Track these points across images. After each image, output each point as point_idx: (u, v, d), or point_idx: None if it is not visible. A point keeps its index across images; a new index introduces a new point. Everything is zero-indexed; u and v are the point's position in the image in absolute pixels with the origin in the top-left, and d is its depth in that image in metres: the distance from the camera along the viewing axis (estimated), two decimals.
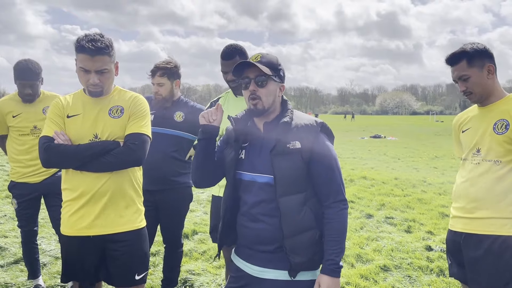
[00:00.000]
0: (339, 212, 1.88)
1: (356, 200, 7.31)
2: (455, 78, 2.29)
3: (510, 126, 2.16)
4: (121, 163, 2.26)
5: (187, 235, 5.16)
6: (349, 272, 4.10)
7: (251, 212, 1.94)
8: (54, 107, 2.35)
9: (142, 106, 2.39)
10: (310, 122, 1.93)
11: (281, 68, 1.96)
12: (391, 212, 6.47)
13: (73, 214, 2.30)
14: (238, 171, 1.98)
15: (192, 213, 6.27)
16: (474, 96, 2.27)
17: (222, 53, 2.90)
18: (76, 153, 2.22)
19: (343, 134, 26.47)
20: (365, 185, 8.79)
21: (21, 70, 3.29)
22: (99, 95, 2.32)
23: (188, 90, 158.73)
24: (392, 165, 12.12)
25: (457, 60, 2.26)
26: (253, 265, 1.96)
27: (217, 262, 4.27)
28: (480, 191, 2.21)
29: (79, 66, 2.23)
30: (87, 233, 2.30)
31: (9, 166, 10.35)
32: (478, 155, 2.26)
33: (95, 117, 2.31)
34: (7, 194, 7.15)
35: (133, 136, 2.28)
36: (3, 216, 5.82)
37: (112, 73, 2.31)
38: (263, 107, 1.91)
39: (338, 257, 1.85)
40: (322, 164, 1.88)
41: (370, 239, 5.16)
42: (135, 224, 2.38)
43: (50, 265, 4.14)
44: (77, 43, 2.20)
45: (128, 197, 2.35)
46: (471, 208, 2.25)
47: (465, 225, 2.27)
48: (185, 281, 3.87)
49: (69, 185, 2.32)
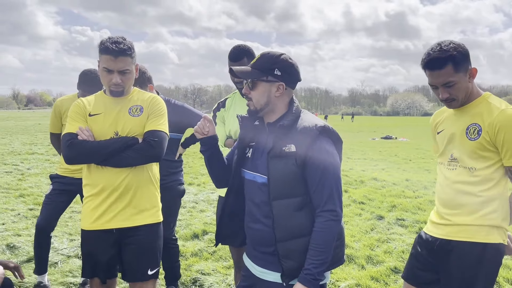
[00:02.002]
0: (325, 222, 1.79)
1: (367, 202, 7.27)
2: (437, 84, 2.05)
3: (482, 132, 2.02)
4: (141, 158, 2.34)
5: (197, 235, 5.19)
6: (360, 274, 4.08)
7: (253, 213, 1.95)
8: (74, 107, 2.43)
9: (160, 105, 2.48)
10: (310, 125, 1.85)
11: (279, 67, 1.87)
12: (402, 214, 6.41)
13: (94, 209, 2.38)
14: (243, 169, 2.00)
15: (203, 213, 6.29)
16: (457, 102, 2.09)
17: (229, 54, 2.91)
18: (98, 148, 2.30)
19: (354, 135, 26.32)
20: (375, 187, 8.74)
21: (87, 82, 3.51)
22: (120, 95, 2.42)
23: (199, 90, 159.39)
24: (403, 167, 12.02)
25: (442, 64, 2.00)
26: (257, 265, 1.97)
27: (227, 262, 4.28)
28: (457, 199, 2.12)
29: (102, 67, 2.33)
30: (107, 227, 2.37)
31: (23, 165, 10.52)
32: (454, 161, 2.14)
33: (116, 115, 2.40)
34: (21, 193, 7.26)
35: (152, 133, 2.36)
36: (17, 215, 5.90)
37: (133, 74, 2.40)
38: (254, 108, 1.91)
39: (317, 269, 1.76)
40: (315, 170, 1.80)
41: (381, 241, 5.13)
42: (152, 218, 2.45)
43: (62, 263, 4.19)
44: (101, 44, 2.31)
45: (147, 192, 2.43)
46: (447, 214, 2.16)
47: (440, 230, 2.18)
48: (194, 281, 3.88)
49: (90, 181, 2.40)
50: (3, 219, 5.68)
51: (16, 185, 8.00)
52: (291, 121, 1.87)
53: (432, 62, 2.03)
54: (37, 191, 7.51)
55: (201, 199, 7.24)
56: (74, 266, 4.11)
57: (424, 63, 2.07)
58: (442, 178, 2.22)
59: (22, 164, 10.67)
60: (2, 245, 4.62)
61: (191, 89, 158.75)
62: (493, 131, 1.99)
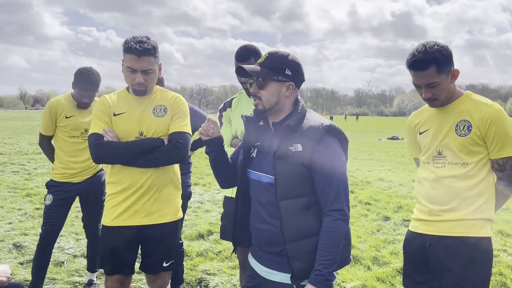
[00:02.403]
0: (333, 221, 1.78)
1: (373, 202, 7.24)
2: (421, 84, 2.12)
3: (473, 128, 2.08)
4: (167, 159, 2.41)
5: (202, 235, 5.19)
6: (366, 275, 4.06)
7: (259, 213, 1.95)
8: (99, 105, 2.46)
9: (184, 106, 2.53)
10: (316, 125, 1.84)
11: (289, 66, 1.88)
12: (409, 215, 6.37)
13: (117, 205, 2.43)
14: (248, 170, 2.00)
15: (208, 213, 6.30)
16: (439, 102, 2.14)
17: (236, 54, 2.90)
18: (125, 149, 2.35)
19: (360, 136, 26.25)
20: (382, 187, 8.70)
21: (83, 80, 3.34)
22: (143, 94, 2.45)
23: (204, 91, 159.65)
24: (410, 167, 11.95)
25: (425, 66, 2.06)
26: (262, 265, 1.96)
27: (232, 262, 4.28)
28: (448, 195, 2.14)
29: (126, 66, 2.36)
30: (128, 223, 2.43)
31: (30, 165, 10.59)
32: (442, 158, 2.17)
33: (140, 115, 2.44)
34: (27, 192, 7.31)
35: (177, 134, 2.42)
36: (23, 214, 5.94)
37: (156, 73, 2.43)
38: (263, 108, 1.90)
39: (327, 269, 1.76)
40: (321, 169, 1.79)
41: (387, 242, 5.10)
42: (172, 216, 2.53)
43: (68, 263, 4.21)
44: (126, 44, 2.34)
45: (169, 191, 2.50)
46: (438, 211, 2.16)
47: (432, 227, 2.18)
48: (200, 281, 3.88)
49: (114, 179, 2.45)
50: (10, 218, 5.72)
51: (23, 184, 8.06)
52: (297, 120, 1.87)
53: (416, 63, 2.09)
54: (44, 190, 7.54)
55: (206, 199, 7.25)
56: (80, 265, 4.12)
57: (408, 64, 2.13)
58: (428, 175, 2.24)
59: (29, 164, 10.75)
60: (9, 244, 4.65)
61: (197, 90, 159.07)
62: (484, 125, 2.06)
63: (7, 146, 14.99)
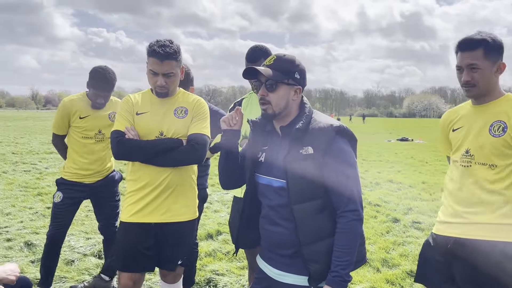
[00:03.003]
0: (348, 222, 1.78)
1: (382, 204, 7.19)
2: (464, 65, 2.06)
3: (508, 129, 2.00)
4: (184, 160, 2.47)
5: (211, 235, 5.20)
6: (375, 277, 4.03)
7: (270, 215, 1.93)
8: (124, 104, 2.55)
9: (204, 109, 2.60)
10: (326, 126, 1.83)
11: (298, 70, 1.88)
12: (419, 217, 6.32)
13: (135, 202, 2.50)
14: (256, 174, 1.98)
15: (217, 214, 6.31)
16: (476, 89, 2.07)
17: (247, 54, 2.91)
18: (145, 148, 2.43)
19: (370, 137, 26.11)
20: (391, 189, 8.64)
21: (98, 80, 3.25)
22: (165, 96, 2.53)
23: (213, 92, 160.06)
24: (420, 169, 11.86)
25: (473, 46, 2.03)
26: (273, 267, 1.96)
27: (241, 262, 4.28)
28: (474, 196, 2.08)
29: (149, 69, 2.44)
30: (145, 220, 2.49)
31: (41, 165, 10.70)
32: (468, 157, 2.12)
33: (162, 116, 2.51)
34: (38, 191, 7.38)
35: (196, 136, 2.48)
36: (35, 213, 6.00)
37: (177, 76, 2.50)
38: (273, 112, 1.87)
39: (344, 270, 1.76)
40: (334, 170, 1.79)
41: (397, 244, 5.06)
42: (189, 215, 2.59)
43: (79, 261, 4.25)
44: (149, 47, 2.41)
45: (187, 190, 2.57)
46: (463, 212, 2.11)
47: (457, 230, 2.12)
48: (209, 281, 3.89)
49: (134, 177, 2.52)
50: (22, 217, 5.79)
51: (34, 184, 8.14)
52: (306, 123, 1.86)
53: (465, 43, 2.08)
54: (55, 190, 7.62)
55: (215, 199, 7.26)
56: (90, 264, 4.16)
57: (457, 44, 2.11)
58: (457, 175, 2.19)
59: (40, 163, 10.86)
60: (21, 243, 4.70)
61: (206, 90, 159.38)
62: None
63: (19, 145, 15.17)
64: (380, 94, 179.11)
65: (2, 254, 4.36)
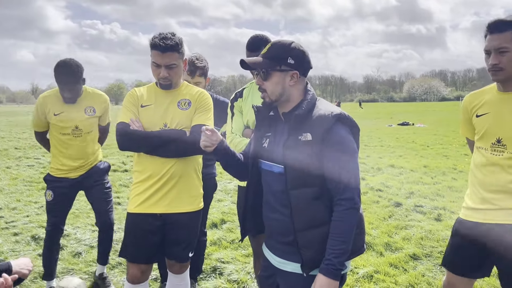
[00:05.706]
0: (343, 211, 1.76)
1: (384, 189, 7.24)
2: (492, 48, 2.03)
3: None
4: (187, 150, 2.50)
5: (215, 224, 5.26)
6: (378, 261, 4.09)
7: (270, 202, 1.95)
8: (129, 97, 2.61)
9: (207, 101, 2.64)
10: (326, 113, 1.82)
11: (292, 55, 1.86)
12: (420, 200, 6.37)
13: (141, 193, 2.54)
14: (260, 160, 2.00)
15: (220, 203, 6.36)
16: (503, 74, 2.04)
17: (247, 44, 2.90)
18: (148, 138, 2.47)
19: (371, 122, 26.08)
20: (393, 173, 8.68)
21: (59, 74, 3.17)
22: (169, 88, 2.57)
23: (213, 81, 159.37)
24: (421, 153, 11.88)
25: (502, 28, 2.00)
26: (275, 255, 1.98)
27: (245, 250, 4.33)
28: (505, 184, 2.08)
29: (152, 61, 2.50)
30: (150, 211, 2.53)
31: (44, 159, 10.73)
32: (501, 147, 2.09)
33: (166, 108, 2.56)
34: (43, 186, 7.42)
35: (199, 127, 2.47)
36: (40, 207, 6.06)
37: (180, 68, 2.55)
38: (270, 100, 1.90)
39: (337, 259, 1.73)
40: (331, 157, 1.78)
41: (399, 228, 5.11)
42: (194, 206, 2.62)
43: (86, 253, 4.30)
44: (152, 40, 2.46)
45: (191, 180, 2.60)
46: (492, 199, 2.12)
47: (487, 216, 2.13)
48: (214, 269, 3.95)
49: (139, 168, 2.57)
50: (27, 211, 5.85)
51: (38, 178, 8.19)
52: (307, 109, 1.85)
53: (494, 25, 2.06)
54: None
55: (218, 188, 7.26)
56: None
57: (487, 26, 2.09)
58: (485, 162, 2.17)
59: (43, 157, 10.89)
60: (27, 236, 4.76)
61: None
62: None
63: (22, 140, 15.21)
64: (380, 79, 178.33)
65: (9, 248, 4.43)
